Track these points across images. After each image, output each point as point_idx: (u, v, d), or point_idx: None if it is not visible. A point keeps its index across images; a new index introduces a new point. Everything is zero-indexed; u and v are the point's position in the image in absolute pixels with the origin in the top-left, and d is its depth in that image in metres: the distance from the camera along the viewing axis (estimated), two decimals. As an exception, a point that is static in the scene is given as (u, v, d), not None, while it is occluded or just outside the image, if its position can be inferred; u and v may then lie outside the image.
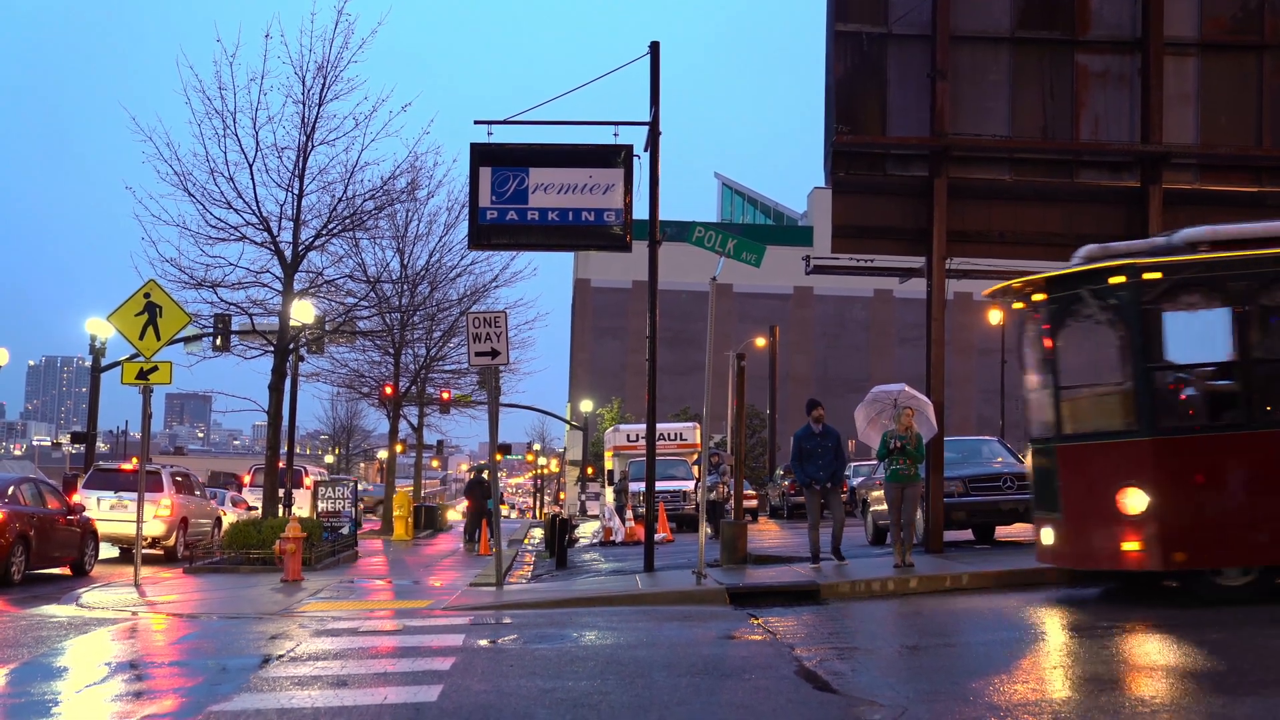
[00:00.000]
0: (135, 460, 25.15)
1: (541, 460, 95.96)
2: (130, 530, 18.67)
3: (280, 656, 9.71)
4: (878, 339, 76.23)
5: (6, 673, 9.35)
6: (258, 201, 22.06)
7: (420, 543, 30.91)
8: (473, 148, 16.58)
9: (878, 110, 16.82)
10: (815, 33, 20.65)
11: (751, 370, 22.60)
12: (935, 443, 16.12)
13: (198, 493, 25.52)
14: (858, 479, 27.07)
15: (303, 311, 25.31)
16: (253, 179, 21.95)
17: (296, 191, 22.29)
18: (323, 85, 22.37)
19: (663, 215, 16.49)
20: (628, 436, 40.96)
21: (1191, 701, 7.14)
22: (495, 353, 15.53)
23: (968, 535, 18.68)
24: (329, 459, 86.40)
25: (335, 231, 23.44)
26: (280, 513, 24.33)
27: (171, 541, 22.83)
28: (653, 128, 16.56)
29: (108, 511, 22.00)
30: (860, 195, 17.18)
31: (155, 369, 16.69)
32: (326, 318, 29.39)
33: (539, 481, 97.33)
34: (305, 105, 22.35)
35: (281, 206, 22.34)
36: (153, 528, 21.79)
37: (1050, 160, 17.05)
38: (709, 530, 19.41)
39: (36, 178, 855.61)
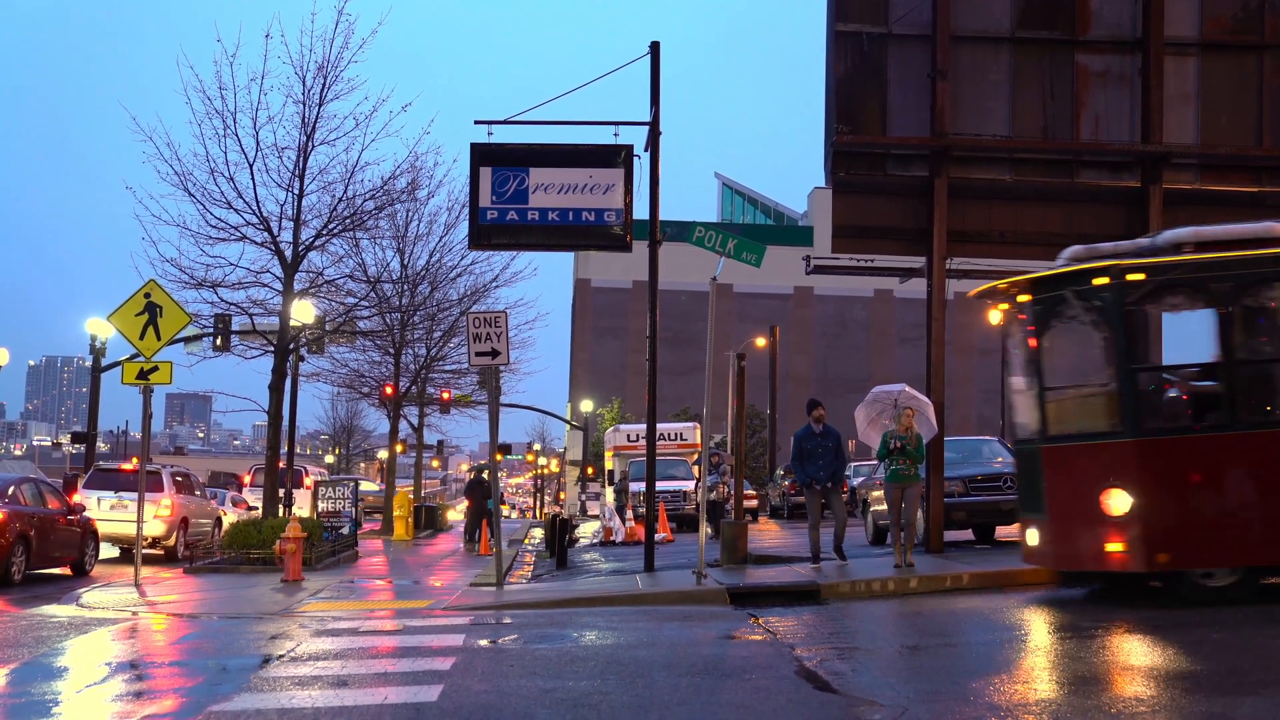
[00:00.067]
0: (135, 460, 25.16)
1: (542, 460, 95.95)
2: (130, 530, 18.67)
3: (280, 656, 9.71)
4: (878, 339, 76.26)
5: (7, 673, 9.35)
6: (258, 201, 22.09)
7: (420, 543, 30.89)
8: (473, 148, 16.58)
9: (878, 110, 16.84)
10: (815, 33, 20.65)
11: (752, 370, 22.62)
12: (935, 443, 16.13)
13: (198, 493, 25.52)
14: (858, 479, 27.07)
15: (303, 311, 25.31)
16: (253, 179, 21.99)
17: (297, 191, 22.30)
18: (323, 85, 22.40)
19: (663, 215, 16.49)
20: (628, 436, 40.96)
21: (1190, 702, 7.14)
22: (495, 353, 15.53)
23: (968, 535, 18.69)
24: (329, 459, 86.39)
25: (335, 231, 23.45)
26: (280, 513, 24.33)
27: (172, 541, 22.84)
28: (653, 128, 16.56)
29: (108, 511, 22.00)
30: (860, 195, 17.20)
31: (155, 369, 16.70)
32: (327, 318, 29.39)
33: (539, 481, 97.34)
34: (305, 105, 22.38)
35: (282, 206, 22.38)
36: (153, 528, 21.80)
37: (1050, 160, 17.05)
38: (709, 530, 19.41)
39: (36, 178, 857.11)
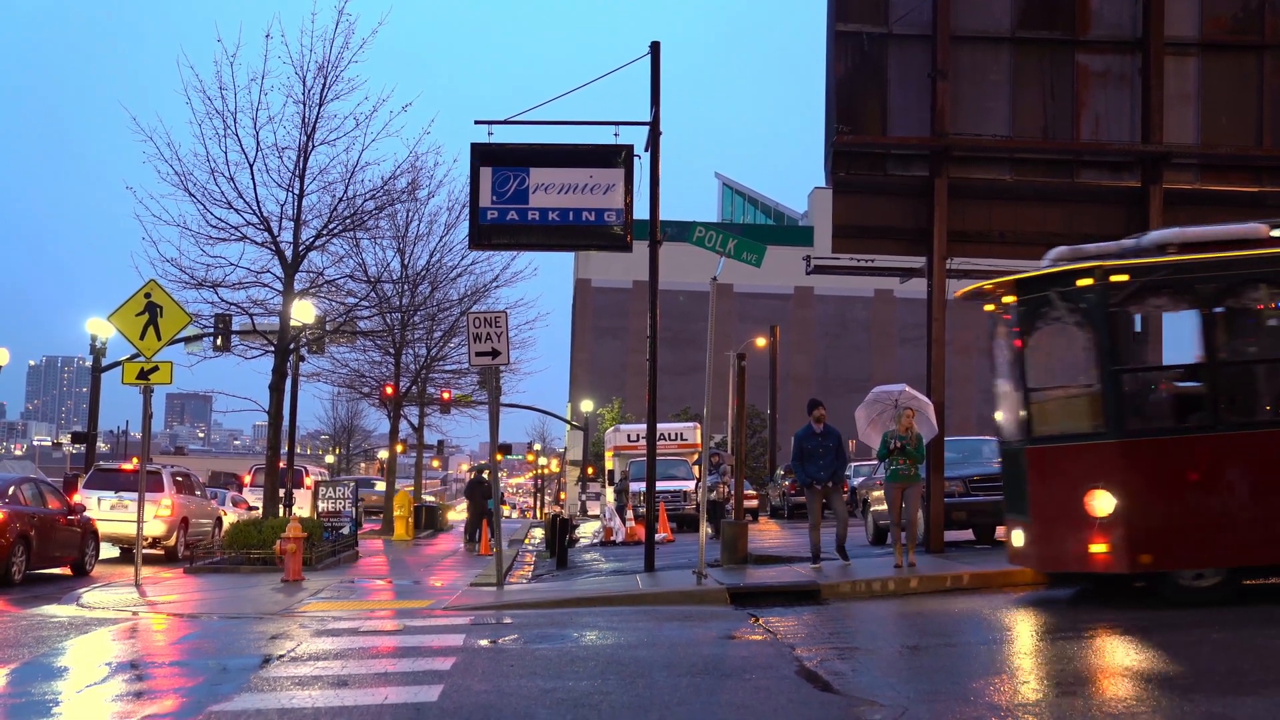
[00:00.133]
0: (136, 460, 25.16)
1: (542, 460, 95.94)
2: (131, 530, 18.67)
3: (281, 656, 9.71)
4: (878, 339, 76.28)
5: (7, 673, 9.35)
6: (258, 201, 22.07)
7: (421, 543, 30.89)
8: (473, 148, 16.58)
9: (878, 110, 16.84)
10: (815, 33, 20.64)
11: (752, 370, 22.63)
12: (936, 443, 16.13)
13: (198, 493, 25.51)
14: (858, 479, 27.07)
15: (303, 311, 25.30)
16: (253, 179, 21.97)
17: (297, 191, 22.29)
18: (323, 85, 22.38)
19: (663, 215, 16.48)
20: (628, 436, 40.95)
21: (1190, 702, 7.14)
22: (496, 353, 15.53)
23: (968, 535, 18.69)
24: (329, 459, 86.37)
25: (336, 231, 23.43)
26: (281, 513, 24.32)
27: (172, 541, 22.84)
28: (653, 128, 16.56)
29: (108, 511, 22.00)
30: (861, 195, 17.20)
31: (156, 369, 16.70)
32: (327, 318, 29.37)
33: (539, 481, 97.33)
34: (306, 105, 22.36)
35: (282, 206, 22.36)
36: (153, 528, 21.80)
37: (1051, 160, 17.06)
38: (709, 530, 19.41)
39: (36, 178, 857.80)
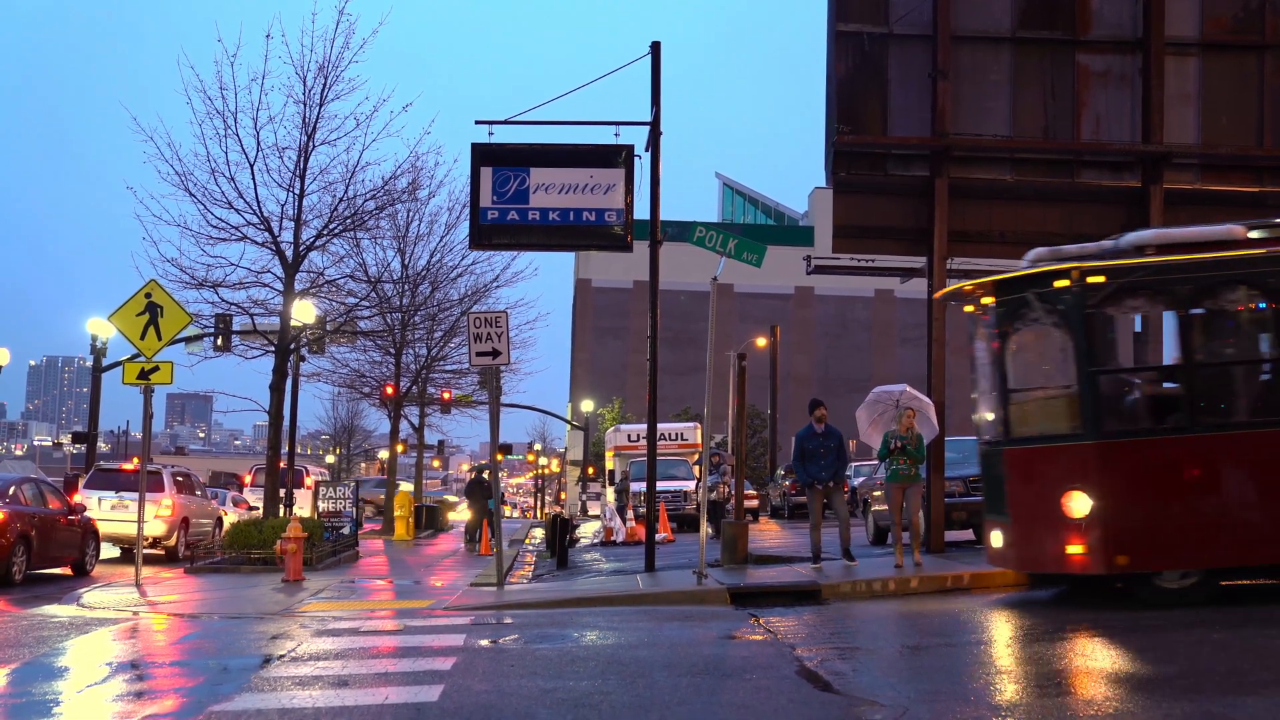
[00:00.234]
0: (136, 460, 25.16)
1: (542, 460, 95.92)
2: (131, 530, 18.67)
3: (281, 656, 9.71)
4: (879, 339, 76.29)
5: (8, 673, 9.35)
6: (259, 201, 22.07)
7: (421, 543, 30.89)
8: (474, 148, 16.57)
9: (879, 110, 16.84)
10: (815, 33, 20.64)
11: (752, 370, 22.61)
12: (936, 443, 16.13)
13: (199, 493, 25.51)
14: (858, 479, 27.06)
15: (304, 311, 25.29)
16: (254, 179, 21.95)
17: (297, 191, 22.28)
18: (324, 85, 22.37)
19: (664, 215, 16.47)
20: (629, 436, 40.95)
21: (1191, 701, 7.14)
22: (496, 353, 15.52)
23: (969, 535, 18.68)
24: (330, 459, 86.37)
25: (336, 231, 23.43)
26: (281, 513, 24.32)
27: (173, 541, 22.84)
28: (654, 128, 16.55)
29: (109, 511, 22.00)
30: (861, 195, 17.20)
31: (156, 369, 16.70)
32: (327, 318, 29.36)
33: (540, 481, 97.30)
34: (306, 105, 22.35)
35: (282, 206, 22.34)
36: (154, 528, 21.80)
37: (1051, 160, 17.06)
38: (710, 530, 19.41)
39: (36, 178, 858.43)
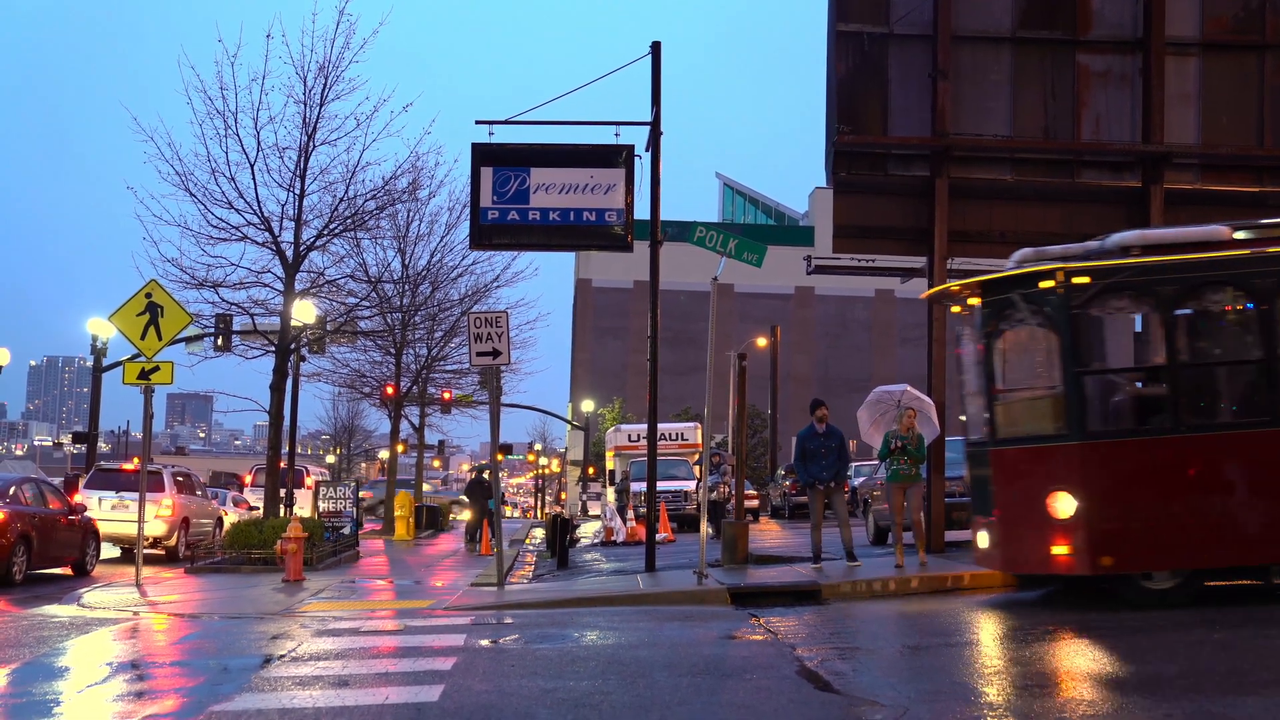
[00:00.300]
0: (137, 460, 25.16)
1: (543, 460, 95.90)
2: (131, 530, 18.68)
3: (282, 656, 9.71)
4: (879, 339, 76.26)
5: (8, 673, 9.35)
6: (259, 201, 22.06)
7: (421, 543, 30.89)
8: (474, 148, 16.57)
9: (879, 110, 16.85)
10: (816, 33, 20.66)
11: (753, 370, 22.60)
12: (937, 443, 16.13)
13: (199, 493, 25.51)
14: (859, 479, 27.06)
15: (304, 311, 25.29)
16: (254, 179, 21.95)
17: (298, 191, 22.28)
18: (324, 85, 22.35)
19: (664, 215, 16.47)
20: (629, 436, 40.94)
21: (1192, 701, 7.14)
22: (497, 353, 15.52)
23: (969, 535, 18.64)
24: (330, 459, 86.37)
25: (336, 231, 23.42)
26: (281, 513, 24.32)
27: (173, 541, 22.84)
28: (654, 128, 16.55)
29: (109, 511, 22.00)
30: (861, 195, 17.20)
31: (157, 369, 16.70)
32: (328, 318, 29.36)
33: (540, 481, 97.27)
34: (306, 105, 22.34)
35: (283, 206, 22.34)
36: (154, 528, 21.80)
37: (1051, 160, 17.06)
38: (710, 530, 19.41)
39: (36, 178, 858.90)
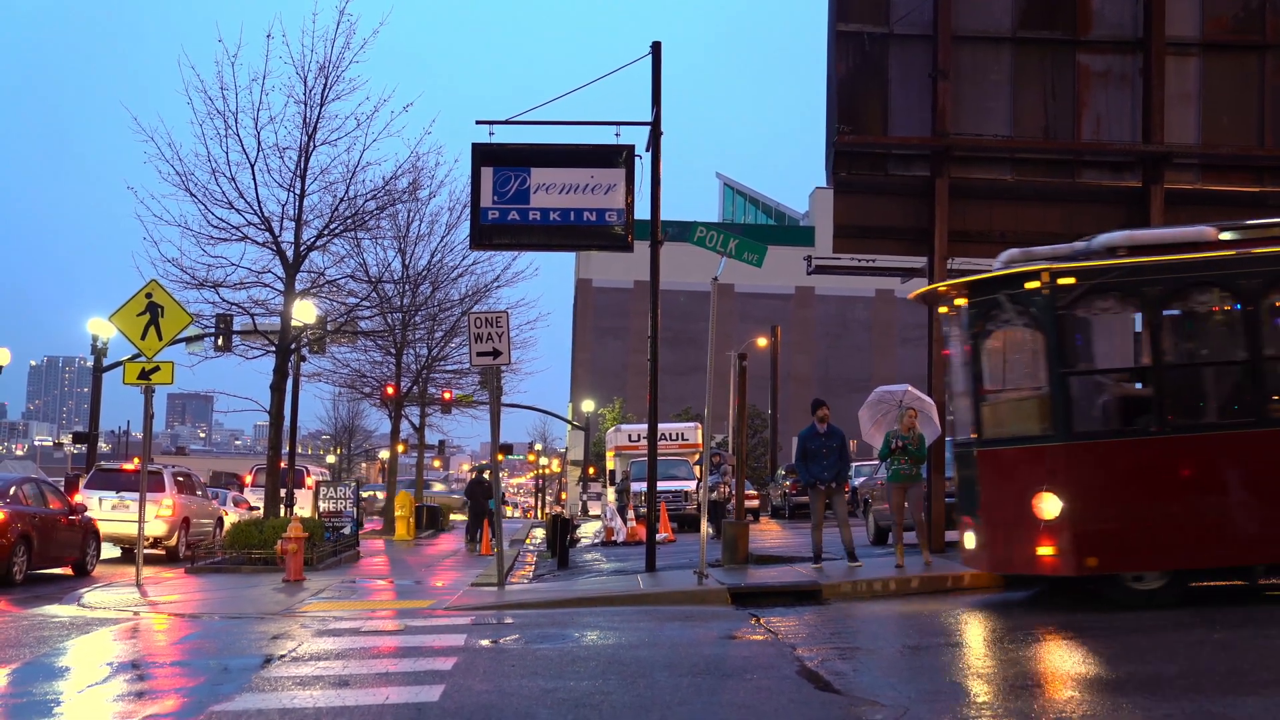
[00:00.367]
0: (137, 460, 25.16)
1: (543, 460, 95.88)
2: (132, 530, 18.68)
3: (282, 656, 9.71)
4: (879, 339, 76.24)
5: (8, 672, 9.35)
6: (259, 201, 22.06)
7: (422, 543, 30.90)
8: (474, 148, 16.58)
9: (879, 110, 16.85)
10: (816, 33, 20.67)
11: (753, 370, 22.60)
12: (937, 443, 16.13)
13: (199, 493, 25.52)
14: (859, 479, 27.06)
15: (304, 311, 25.29)
16: (254, 179, 21.95)
17: (298, 192, 22.28)
18: (324, 85, 22.35)
19: (664, 215, 16.48)
20: (629, 436, 40.93)
21: (1192, 701, 7.14)
22: (497, 353, 15.53)
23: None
24: (331, 459, 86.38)
25: (337, 231, 23.42)
26: (282, 513, 24.33)
27: (173, 541, 22.84)
28: (654, 128, 16.56)
29: (109, 511, 22.01)
30: (862, 195, 17.21)
31: (157, 369, 16.71)
32: (328, 318, 29.36)
33: (540, 482, 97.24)
34: (307, 105, 22.33)
35: (283, 206, 22.34)
36: (154, 528, 21.81)
37: (1051, 160, 17.07)
38: (710, 530, 19.41)
39: (36, 178, 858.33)
